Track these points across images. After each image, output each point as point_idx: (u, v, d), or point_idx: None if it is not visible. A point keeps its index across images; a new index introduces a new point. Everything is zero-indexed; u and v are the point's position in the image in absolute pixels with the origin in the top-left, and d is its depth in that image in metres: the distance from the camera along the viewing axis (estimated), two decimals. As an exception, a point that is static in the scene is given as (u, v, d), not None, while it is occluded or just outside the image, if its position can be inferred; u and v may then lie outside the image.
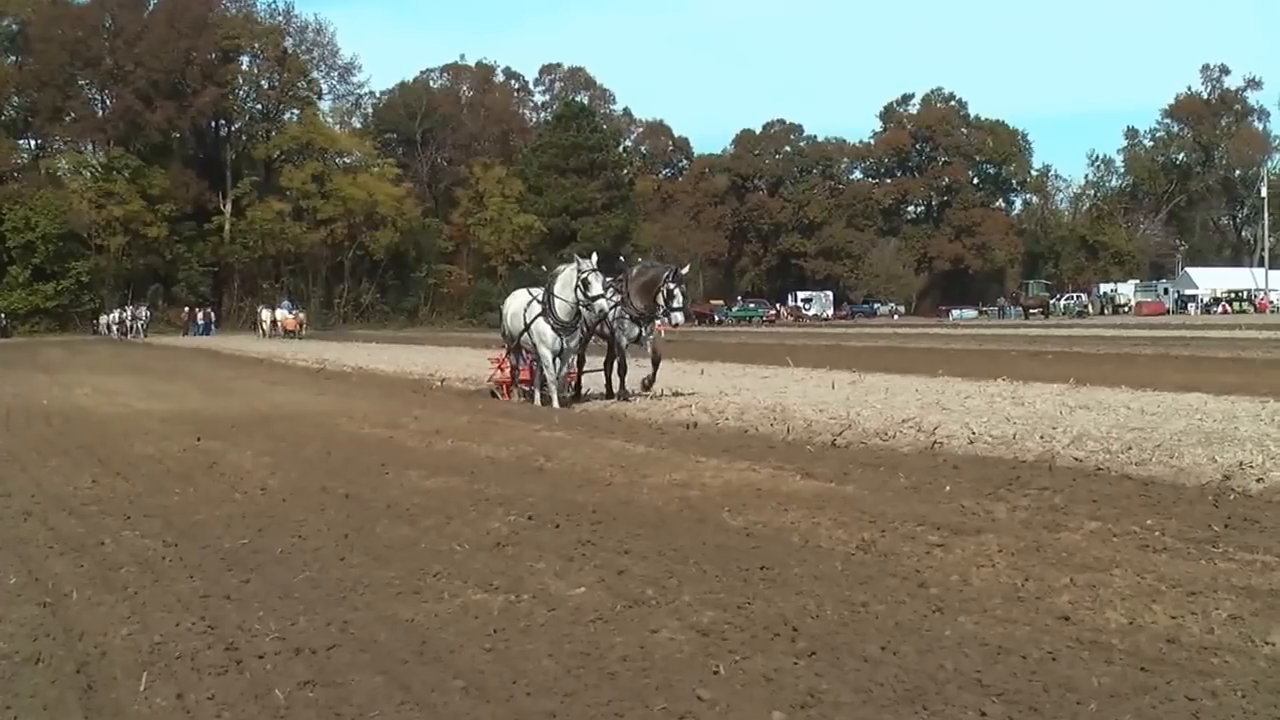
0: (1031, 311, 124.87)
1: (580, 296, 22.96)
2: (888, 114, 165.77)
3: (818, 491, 12.69)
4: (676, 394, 24.20)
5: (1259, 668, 6.68)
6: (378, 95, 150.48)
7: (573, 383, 25.38)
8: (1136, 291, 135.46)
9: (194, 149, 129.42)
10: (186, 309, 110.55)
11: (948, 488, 12.56)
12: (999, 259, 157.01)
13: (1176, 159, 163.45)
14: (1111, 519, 10.61)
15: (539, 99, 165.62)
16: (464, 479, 14.36)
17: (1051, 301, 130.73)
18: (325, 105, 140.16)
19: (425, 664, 7.27)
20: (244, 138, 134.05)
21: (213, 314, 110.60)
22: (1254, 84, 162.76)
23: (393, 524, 11.69)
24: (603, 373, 25.39)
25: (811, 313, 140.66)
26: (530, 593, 8.76)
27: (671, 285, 23.88)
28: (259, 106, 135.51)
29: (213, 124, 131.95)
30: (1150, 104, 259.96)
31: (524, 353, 25.35)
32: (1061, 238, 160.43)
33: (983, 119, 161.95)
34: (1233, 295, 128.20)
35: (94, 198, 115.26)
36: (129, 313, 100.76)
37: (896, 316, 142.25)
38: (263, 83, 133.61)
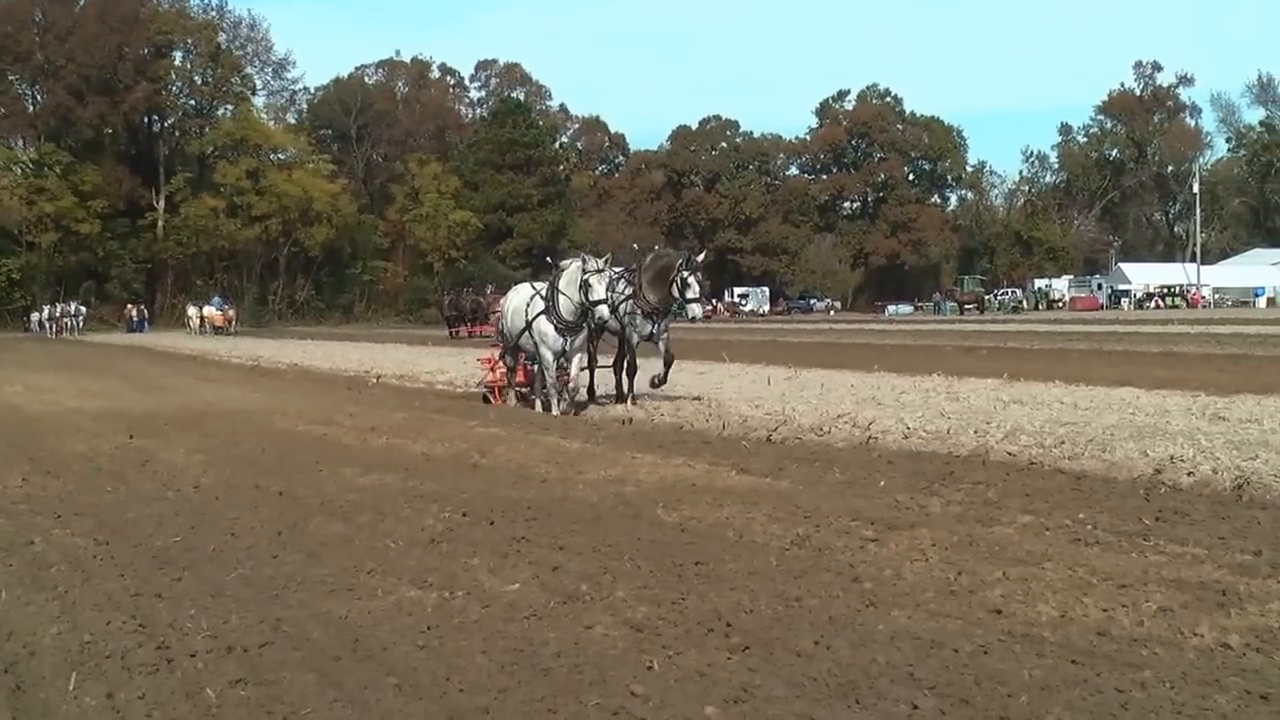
0: (966, 307, 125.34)
1: (582, 299, 21.08)
2: (824, 110, 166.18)
3: (752, 487, 12.72)
4: (608, 394, 23.92)
5: (1188, 659, 6.72)
6: (312, 91, 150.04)
7: (569, 384, 22.54)
8: (1070, 287, 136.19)
9: (127, 145, 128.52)
10: (129, 305, 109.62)
11: (882, 483, 12.60)
12: (934, 254, 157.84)
13: (1110, 155, 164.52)
14: (1044, 513, 10.67)
15: (475, 95, 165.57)
16: (398, 476, 14.32)
17: (986, 297, 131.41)
18: (260, 101, 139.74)
19: (358, 661, 7.24)
20: (177, 134, 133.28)
21: (146, 311, 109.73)
22: (1186, 80, 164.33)
23: (326, 521, 11.65)
24: (613, 373, 23.76)
25: (748, 308, 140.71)
26: (464, 589, 8.74)
27: (686, 274, 21.74)
28: (192, 102, 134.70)
29: (146, 120, 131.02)
30: (1084, 100, 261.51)
31: (521, 353, 23.59)
32: (996, 233, 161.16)
33: (918, 115, 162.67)
34: (1166, 290, 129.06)
35: (25, 194, 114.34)
36: (60, 309, 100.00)
37: (833, 312, 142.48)
38: (196, 78, 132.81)
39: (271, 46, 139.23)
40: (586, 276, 20.97)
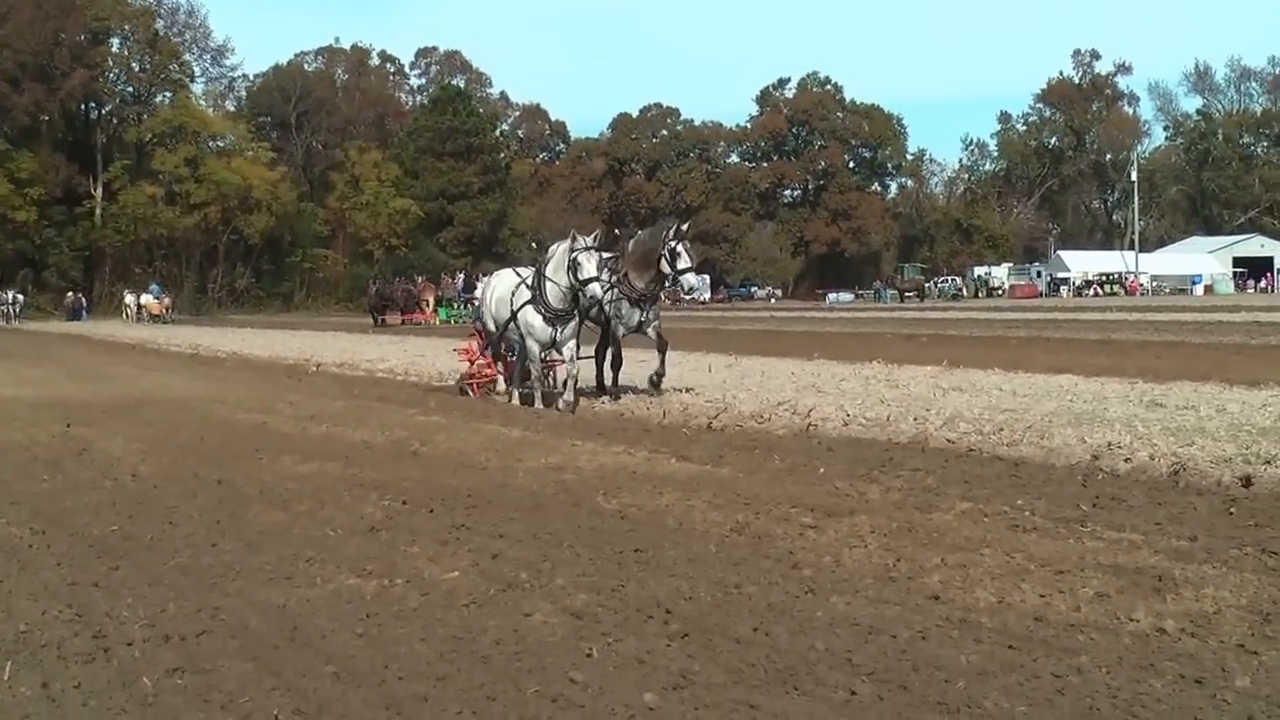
0: (907, 295, 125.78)
1: (572, 280, 19.71)
2: (764, 98, 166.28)
3: (693, 474, 12.73)
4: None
5: (1124, 644, 6.76)
6: (251, 79, 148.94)
7: (564, 377, 21.01)
8: (1010, 274, 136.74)
9: (63, 132, 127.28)
10: (69, 293, 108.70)
11: (822, 470, 12.63)
12: (875, 242, 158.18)
13: (1049, 143, 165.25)
14: (982, 499, 10.71)
15: (415, 82, 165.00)
16: (338, 464, 14.29)
17: (926, 285, 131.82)
18: (198, 88, 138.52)
19: (296, 649, 7.22)
20: (115, 121, 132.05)
21: (84, 299, 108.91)
22: (1124, 69, 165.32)
23: (265, 509, 11.61)
24: (594, 362, 22.12)
25: (689, 296, 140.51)
26: (404, 577, 8.73)
27: (674, 244, 20.34)
28: (130, 89, 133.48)
29: (83, 107, 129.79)
30: (1023, 88, 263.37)
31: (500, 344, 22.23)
32: (936, 221, 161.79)
33: (859, 103, 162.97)
34: (1104, 278, 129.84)
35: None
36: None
37: (773, 300, 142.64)
38: (134, 65, 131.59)
39: (210, 33, 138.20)
40: (575, 254, 19.65)
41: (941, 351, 29.16)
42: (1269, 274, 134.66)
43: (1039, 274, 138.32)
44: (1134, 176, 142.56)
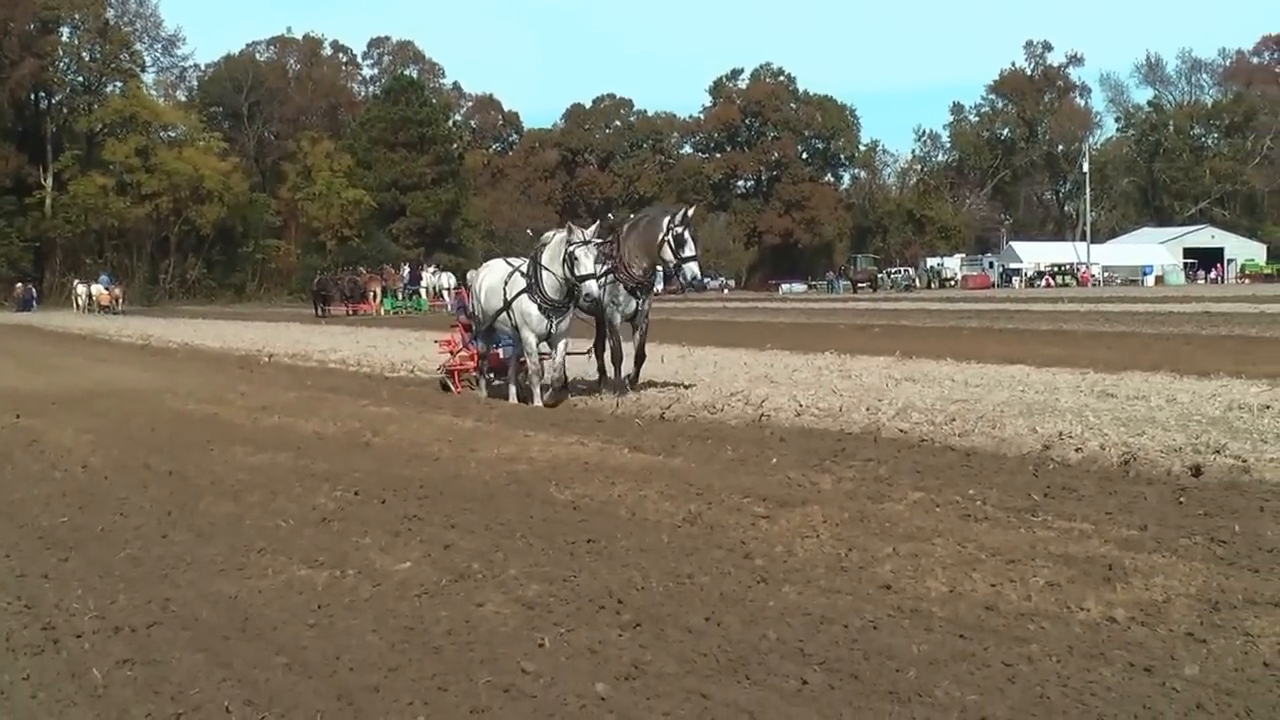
0: (860, 285, 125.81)
1: (568, 275, 18.86)
2: (717, 89, 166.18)
3: (645, 464, 12.74)
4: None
5: (1074, 633, 6.80)
6: (203, 68, 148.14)
7: (553, 371, 20.23)
8: (962, 265, 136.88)
9: (13, 122, 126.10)
10: (18, 284, 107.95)
11: (774, 460, 12.64)
12: (828, 233, 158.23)
13: (1001, 134, 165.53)
14: (934, 489, 10.74)
15: (367, 73, 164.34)
16: (290, 455, 14.27)
17: (879, 275, 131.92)
18: (149, 78, 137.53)
19: (247, 640, 7.22)
20: (65, 111, 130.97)
21: (34, 290, 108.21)
22: (1076, 60, 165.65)
23: (217, 500, 11.60)
24: (594, 356, 21.40)
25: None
26: (355, 568, 8.73)
27: (680, 229, 19.17)
28: (80, 79, 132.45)
29: (32, 96, 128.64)
30: (975, 79, 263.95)
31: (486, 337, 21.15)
32: (889, 212, 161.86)
33: (811, 94, 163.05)
34: (1056, 269, 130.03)
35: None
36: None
37: (727, 290, 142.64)
38: (84, 54, 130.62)
39: (161, 23, 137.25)
40: (572, 249, 18.76)
41: (894, 342, 29.23)
42: (1219, 265, 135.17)
43: (991, 265, 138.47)
44: (1085, 168, 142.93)
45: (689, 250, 19.24)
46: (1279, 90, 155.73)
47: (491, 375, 21.56)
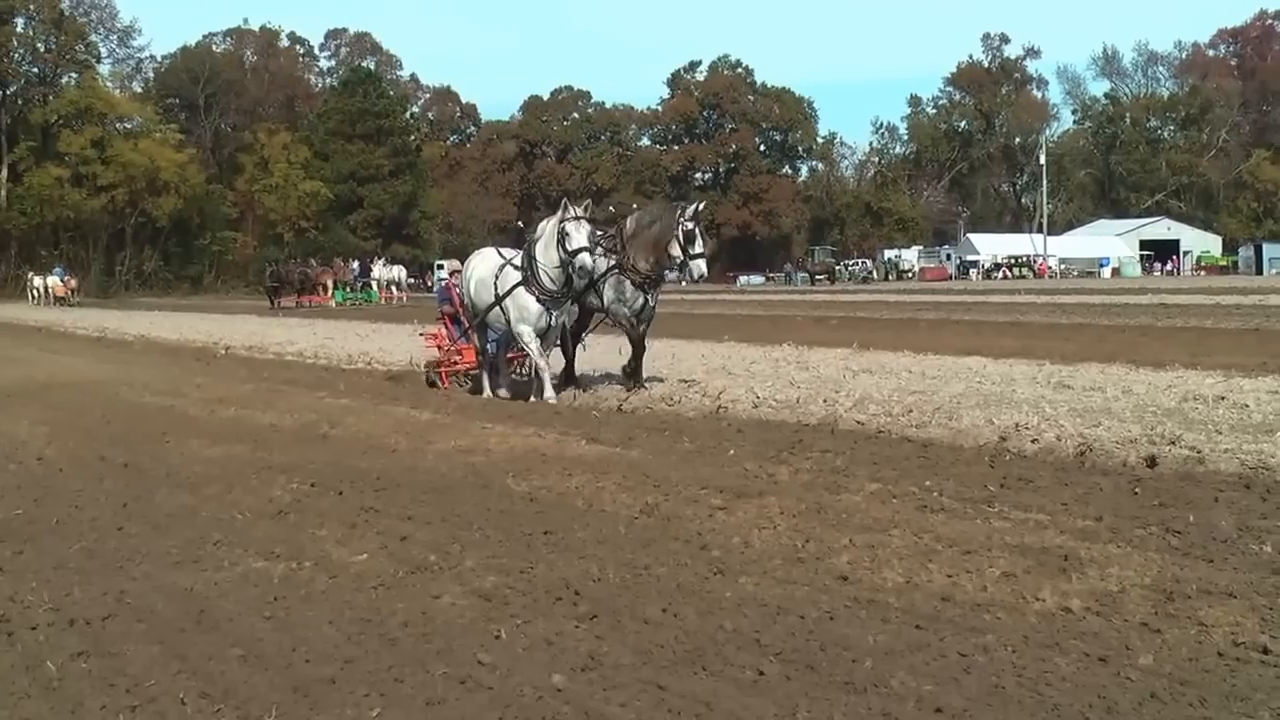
0: (818, 277, 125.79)
1: (561, 254, 18.11)
2: (675, 81, 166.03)
3: (603, 456, 12.74)
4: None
5: (1029, 623, 6.83)
6: (159, 60, 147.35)
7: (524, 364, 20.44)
8: (920, 257, 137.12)
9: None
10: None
11: (731, 451, 12.66)
12: (786, 225, 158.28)
13: (958, 126, 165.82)
14: (891, 480, 10.77)
15: (325, 64, 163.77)
16: (247, 447, 14.22)
17: (837, 267, 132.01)
18: (104, 69, 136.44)
19: (203, 633, 7.20)
20: (20, 102, 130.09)
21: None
22: (1033, 53, 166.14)
23: (173, 493, 11.56)
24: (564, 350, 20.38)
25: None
26: (312, 560, 8.72)
27: (690, 224, 18.67)
28: (35, 70, 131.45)
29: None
30: (933, 72, 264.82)
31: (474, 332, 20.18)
32: (847, 204, 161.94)
33: (769, 86, 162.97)
34: (1013, 261, 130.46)
35: None
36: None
37: (684, 283, 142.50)
38: (39, 45, 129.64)
39: (116, 14, 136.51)
40: (564, 224, 18.08)
41: (852, 334, 29.25)
42: (1175, 257, 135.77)
43: (948, 257, 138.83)
44: (1042, 160, 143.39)
45: (698, 247, 18.80)
46: (1234, 83, 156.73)
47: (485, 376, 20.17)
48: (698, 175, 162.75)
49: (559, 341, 19.85)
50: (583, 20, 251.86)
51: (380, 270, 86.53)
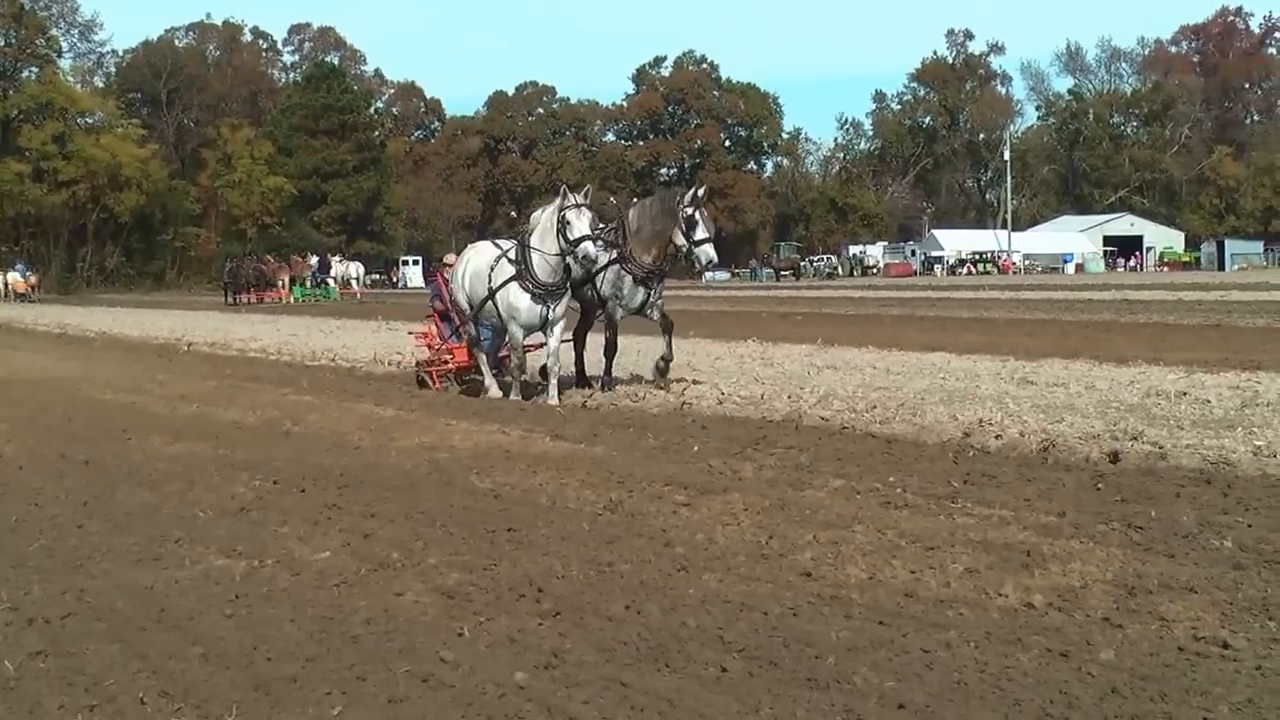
0: (783, 273, 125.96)
1: (562, 244, 17.24)
2: (640, 76, 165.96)
3: (567, 453, 12.73)
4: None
5: (992, 619, 6.83)
6: (121, 54, 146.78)
7: (535, 362, 19.47)
8: (885, 253, 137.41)
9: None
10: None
11: (696, 448, 12.65)
12: (751, 221, 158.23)
13: (923, 122, 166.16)
14: (855, 476, 10.78)
15: (288, 59, 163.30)
16: (209, 444, 14.18)
17: (802, 263, 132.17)
18: (65, 64, 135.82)
19: (164, 631, 7.17)
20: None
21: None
22: (997, 49, 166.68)
23: (134, 490, 11.52)
24: (573, 347, 19.75)
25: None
26: (274, 558, 8.69)
27: (691, 210, 18.06)
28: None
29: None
30: (897, 68, 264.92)
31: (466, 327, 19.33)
32: (812, 200, 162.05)
33: (734, 82, 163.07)
34: (977, 256, 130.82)
35: None
36: None
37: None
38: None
39: (78, 8, 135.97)
40: (564, 212, 17.27)
41: (816, 330, 29.32)
42: (1138, 253, 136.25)
43: (913, 253, 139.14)
44: (1006, 156, 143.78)
45: (701, 232, 18.10)
46: (1196, 80, 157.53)
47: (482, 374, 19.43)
48: (663, 171, 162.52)
49: (569, 338, 19.20)
50: (548, 16, 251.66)
51: (338, 267, 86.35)
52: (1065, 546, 8.17)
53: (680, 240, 18.11)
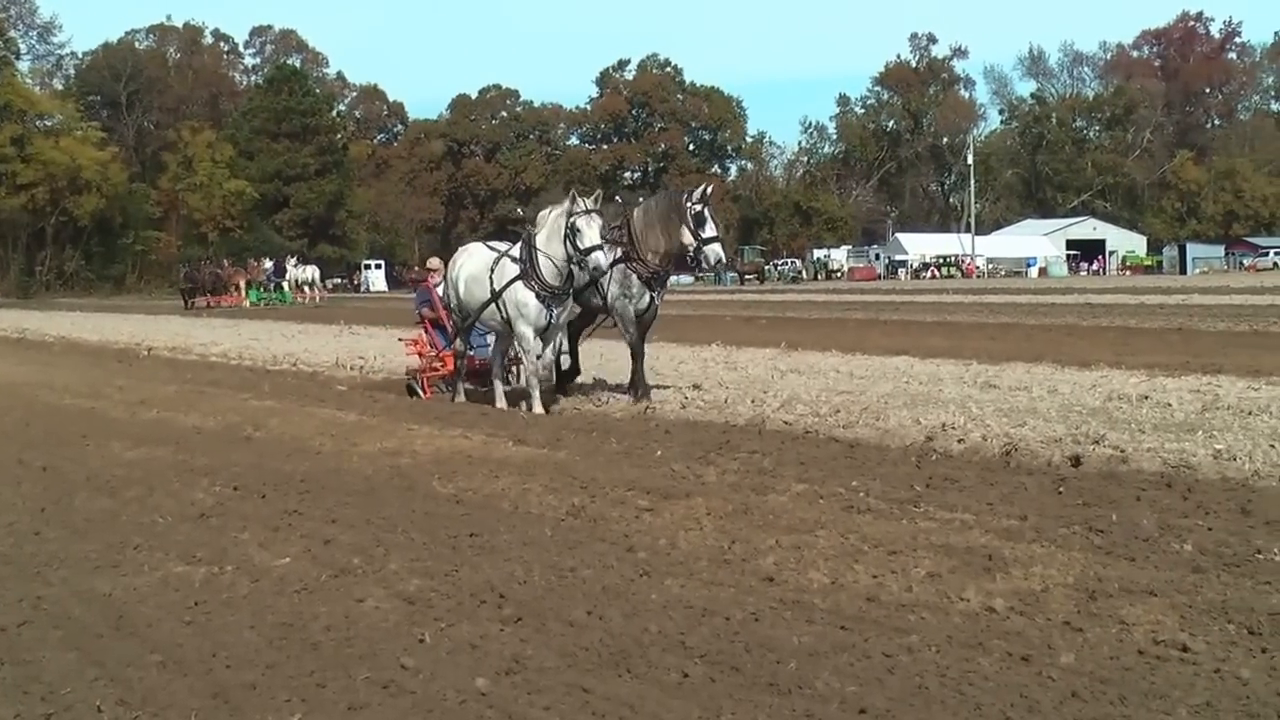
0: (747, 277, 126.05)
1: (570, 250, 16.72)
2: (604, 80, 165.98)
3: (529, 458, 12.69)
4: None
5: (954, 623, 6.84)
6: (80, 56, 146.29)
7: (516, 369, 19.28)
8: (849, 257, 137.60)
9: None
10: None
11: (659, 452, 12.63)
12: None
13: (887, 126, 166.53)
14: (818, 481, 10.77)
15: (250, 62, 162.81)
16: (169, 449, 14.12)
17: (766, 267, 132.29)
18: (24, 66, 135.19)
19: (121, 638, 7.15)
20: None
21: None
22: (960, 53, 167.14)
23: (92, 496, 11.48)
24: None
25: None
26: (234, 564, 8.67)
27: (698, 207, 17.66)
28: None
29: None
30: (861, 71, 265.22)
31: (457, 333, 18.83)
32: (776, 204, 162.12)
33: (698, 85, 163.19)
34: (941, 260, 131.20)
35: None
36: None
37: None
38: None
39: (36, 9, 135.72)
40: (574, 219, 16.67)
41: (780, 334, 29.37)
42: (1101, 256, 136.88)
43: (877, 256, 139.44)
44: (970, 160, 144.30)
45: (710, 230, 17.77)
46: (1158, 84, 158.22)
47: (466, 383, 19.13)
48: (627, 174, 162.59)
49: (566, 346, 19.00)
50: (511, 19, 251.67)
51: (293, 271, 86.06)
52: (1027, 550, 8.18)
53: (688, 239, 17.74)
